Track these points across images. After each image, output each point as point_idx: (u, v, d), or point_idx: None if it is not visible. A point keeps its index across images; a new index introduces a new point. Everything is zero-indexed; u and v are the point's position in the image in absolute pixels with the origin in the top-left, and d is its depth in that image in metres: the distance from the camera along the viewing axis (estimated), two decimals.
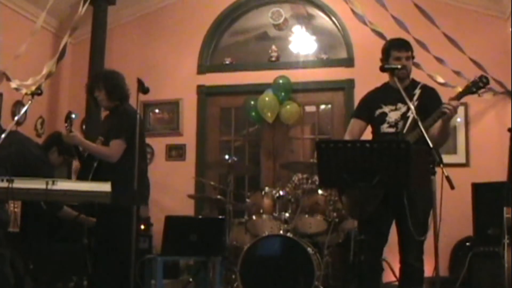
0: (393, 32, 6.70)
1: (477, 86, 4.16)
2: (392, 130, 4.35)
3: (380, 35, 6.68)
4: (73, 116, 4.72)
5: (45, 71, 6.64)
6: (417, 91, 4.37)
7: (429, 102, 4.31)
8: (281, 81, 7.71)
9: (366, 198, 4.02)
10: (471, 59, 6.63)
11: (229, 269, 6.01)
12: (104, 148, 4.75)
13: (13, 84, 6.72)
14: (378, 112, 4.45)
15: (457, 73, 6.69)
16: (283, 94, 7.70)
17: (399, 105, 4.32)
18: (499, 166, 6.25)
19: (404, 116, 4.31)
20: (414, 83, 4.48)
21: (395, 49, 4.42)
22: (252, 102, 7.81)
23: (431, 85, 4.72)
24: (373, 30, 6.76)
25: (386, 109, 4.42)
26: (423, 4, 6.79)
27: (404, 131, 4.24)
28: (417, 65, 6.39)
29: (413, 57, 4.51)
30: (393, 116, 4.37)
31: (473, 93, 4.21)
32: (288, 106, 7.70)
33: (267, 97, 7.68)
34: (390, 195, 4.06)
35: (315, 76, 7.82)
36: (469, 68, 6.59)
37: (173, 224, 5.41)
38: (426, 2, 7.05)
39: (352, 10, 6.89)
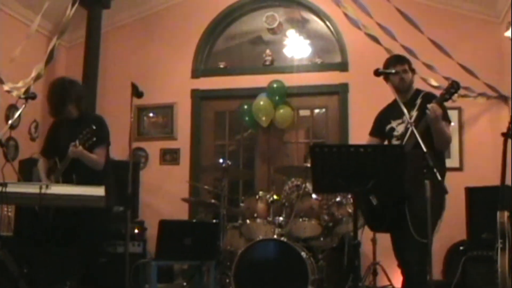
0: (386, 36, 6.76)
1: (449, 92, 4.29)
2: (399, 142, 4.45)
3: (374, 39, 6.71)
4: None
5: (33, 74, 6.62)
6: (419, 101, 4.47)
7: None
8: (275, 85, 7.72)
9: (382, 211, 4.15)
10: (459, 64, 6.66)
11: (223, 273, 6.00)
12: (96, 157, 4.85)
13: (6, 87, 6.71)
14: (388, 127, 4.60)
15: (448, 79, 6.70)
16: (277, 98, 7.71)
17: (404, 117, 4.40)
18: (492, 170, 6.26)
19: (407, 128, 4.38)
20: (417, 93, 4.61)
21: (391, 65, 4.56)
22: (246, 107, 7.81)
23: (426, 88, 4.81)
24: (367, 34, 6.78)
25: (394, 123, 4.57)
26: (416, 10, 6.84)
27: (404, 141, 4.31)
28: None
29: (412, 70, 4.66)
30: (399, 129, 4.50)
31: (447, 100, 4.33)
32: (282, 110, 7.72)
33: (262, 101, 7.69)
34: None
35: (310, 80, 7.82)
36: (462, 73, 6.63)
37: (167, 228, 5.40)
38: (418, 8, 7.11)
39: (345, 14, 6.90)
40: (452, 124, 7.00)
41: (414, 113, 4.40)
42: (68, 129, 4.98)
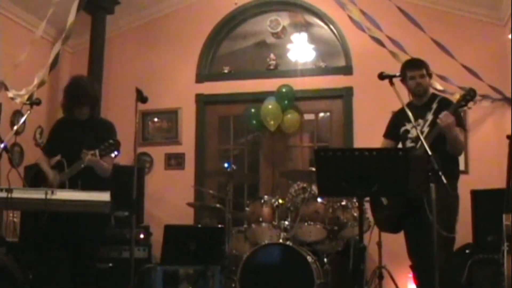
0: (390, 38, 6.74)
1: (465, 99, 4.34)
2: (413, 145, 4.49)
3: (378, 41, 6.70)
4: None
5: (36, 81, 6.63)
6: (434, 105, 4.50)
7: None
8: (284, 89, 7.71)
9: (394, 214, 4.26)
10: (463, 65, 6.65)
11: (229, 277, 5.99)
12: (107, 166, 4.76)
13: (10, 94, 6.72)
14: (402, 130, 4.66)
15: (443, 78, 6.69)
16: (286, 102, 7.71)
17: (419, 121, 4.49)
18: (498, 173, 6.25)
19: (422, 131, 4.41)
20: (433, 97, 4.64)
21: (408, 69, 4.63)
22: (253, 110, 7.81)
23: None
24: (371, 37, 6.77)
25: (408, 126, 4.61)
26: (420, 12, 6.84)
27: (419, 144, 4.35)
28: None
29: (429, 74, 4.70)
30: (414, 132, 4.51)
31: (462, 106, 4.41)
32: (289, 115, 7.71)
33: (270, 105, 7.69)
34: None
35: (314, 84, 7.81)
36: (465, 76, 6.62)
37: (172, 233, 5.41)
38: (422, 10, 7.11)
39: (350, 17, 6.91)
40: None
41: (430, 117, 4.46)
42: (75, 131, 4.86)
